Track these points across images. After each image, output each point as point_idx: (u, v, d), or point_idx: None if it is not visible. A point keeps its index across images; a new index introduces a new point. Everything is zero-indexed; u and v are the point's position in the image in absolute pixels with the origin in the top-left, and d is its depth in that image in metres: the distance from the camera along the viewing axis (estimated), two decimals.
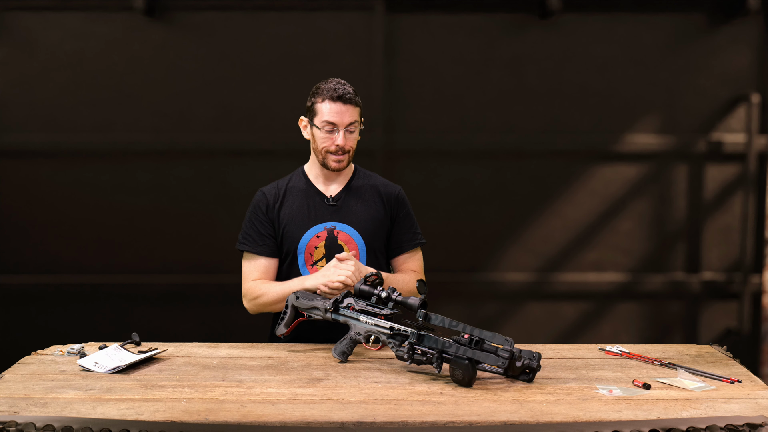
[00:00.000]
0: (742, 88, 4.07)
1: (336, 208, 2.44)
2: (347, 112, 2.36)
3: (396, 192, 2.51)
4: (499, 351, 1.94)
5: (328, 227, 2.42)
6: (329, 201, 2.45)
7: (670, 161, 4.11)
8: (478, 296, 4.14)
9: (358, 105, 2.39)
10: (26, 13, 3.98)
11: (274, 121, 4.03)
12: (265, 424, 1.68)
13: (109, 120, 4.02)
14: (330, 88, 2.36)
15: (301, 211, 2.43)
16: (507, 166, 4.10)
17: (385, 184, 2.52)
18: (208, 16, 4.01)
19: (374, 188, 2.49)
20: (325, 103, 2.36)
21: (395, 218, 2.49)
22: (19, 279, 4.06)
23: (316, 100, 2.38)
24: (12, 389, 1.89)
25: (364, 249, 2.42)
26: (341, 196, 2.45)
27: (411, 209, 2.53)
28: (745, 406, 1.79)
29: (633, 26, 4.05)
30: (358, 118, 2.39)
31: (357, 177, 2.50)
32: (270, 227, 2.44)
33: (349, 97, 2.36)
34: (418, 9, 4.04)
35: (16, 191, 4.04)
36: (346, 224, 2.42)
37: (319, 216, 2.43)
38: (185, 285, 4.07)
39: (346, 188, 2.47)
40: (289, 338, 2.40)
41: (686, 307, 4.18)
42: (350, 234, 2.42)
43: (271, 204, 2.45)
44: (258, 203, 2.47)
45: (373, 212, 2.45)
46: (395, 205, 2.49)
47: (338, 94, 2.35)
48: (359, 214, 2.44)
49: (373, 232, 2.44)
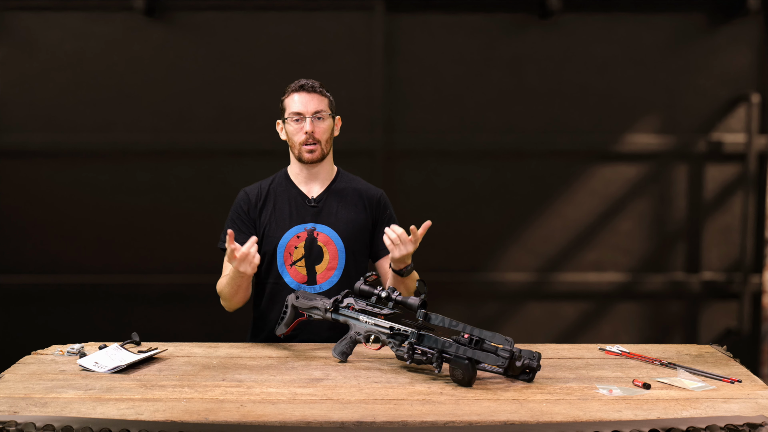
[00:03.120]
0: (742, 88, 4.07)
1: (317, 210, 2.46)
2: (312, 100, 2.42)
3: (378, 195, 2.54)
4: (499, 351, 1.94)
5: (308, 228, 2.44)
6: (310, 202, 2.47)
7: (670, 161, 4.11)
8: (478, 296, 4.14)
9: (325, 96, 2.45)
10: (26, 13, 3.98)
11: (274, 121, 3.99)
12: (265, 424, 1.68)
13: (109, 120, 4.02)
14: (294, 84, 2.45)
15: (282, 211, 2.46)
16: (507, 166, 4.10)
17: (368, 187, 2.55)
18: (208, 16, 4.01)
19: (356, 191, 2.51)
20: (291, 97, 2.45)
21: (377, 221, 2.51)
22: (19, 279, 4.06)
23: (284, 97, 2.48)
24: (12, 389, 1.89)
25: (343, 251, 2.44)
26: (322, 198, 2.48)
27: (393, 212, 2.56)
28: (745, 406, 1.79)
29: (633, 26, 4.05)
30: (326, 109, 2.44)
31: (339, 179, 2.52)
32: (251, 227, 2.47)
33: (312, 87, 2.43)
34: (418, 9, 4.04)
35: (16, 191, 4.04)
36: (326, 226, 2.45)
37: (300, 217, 2.45)
38: (185, 285, 4.07)
39: (328, 190, 2.49)
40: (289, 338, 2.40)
41: (686, 307, 4.18)
42: (330, 235, 2.43)
43: (253, 203, 2.48)
44: (240, 203, 2.51)
45: (354, 215, 2.47)
46: (377, 208, 2.52)
47: (300, 85, 2.44)
48: (340, 216, 2.46)
49: (353, 235, 2.46)
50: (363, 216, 2.48)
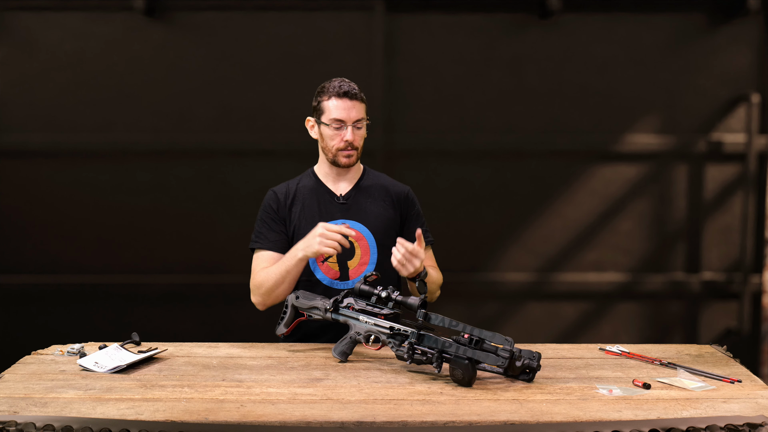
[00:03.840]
0: (742, 88, 4.07)
1: (346, 206, 2.45)
2: (354, 108, 2.38)
3: (405, 192, 2.53)
4: (499, 351, 1.94)
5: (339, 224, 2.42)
6: (339, 199, 2.46)
7: (670, 161, 4.11)
8: (478, 296, 4.14)
9: (364, 101, 2.42)
10: (26, 13, 3.98)
11: (274, 121, 4.03)
12: (265, 423, 1.68)
13: (109, 120, 4.02)
14: (335, 86, 2.38)
15: (311, 209, 2.44)
16: (507, 166, 4.10)
17: (394, 184, 2.54)
18: (208, 16, 4.01)
19: (383, 188, 2.50)
20: (332, 101, 2.38)
21: (405, 218, 2.50)
22: (19, 279, 4.06)
23: (322, 98, 2.40)
24: (12, 389, 1.89)
25: (375, 245, 2.43)
26: (351, 195, 2.46)
27: (420, 209, 2.54)
28: (745, 406, 1.79)
29: (633, 26, 4.05)
30: (365, 115, 2.41)
31: (366, 177, 2.51)
32: (281, 225, 2.44)
33: (354, 93, 2.38)
34: (418, 9, 4.04)
35: (16, 191, 4.04)
36: (357, 222, 2.43)
37: (330, 213, 2.43)
38: (185, 285, 4.07)
39: (356, 187, 2.48)
40: (289, 338, 2.40)
41: (686, 307, 4.18)
42: (361, 231, 2.42)
43: (282, 202, 2.46)
44: (269, 202, 2.47)
45: (383, 211, 2.46)
46: (405, 204, 2.51)
47: (344, 90, 2.37)
48: (369, 212, 2.45)
49: (383, 230, 2.44)
50: (391, 212, 2.47)
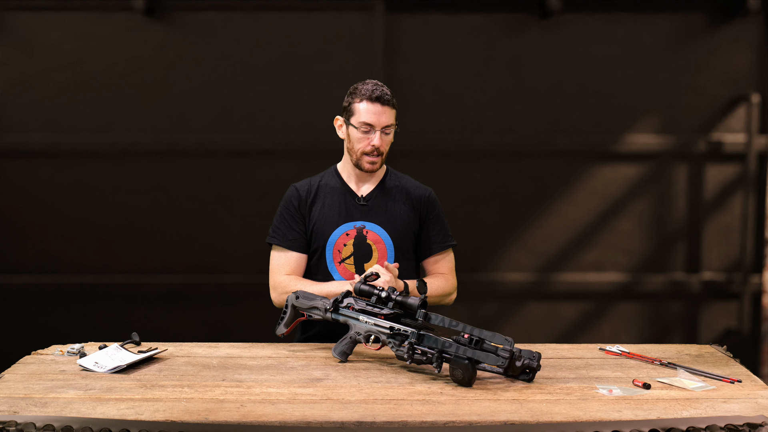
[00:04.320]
0: (742, 88, 4.07)
1: (367, 208, 2.45)
2: (384, 113, 2.37)
3: (426, 194, 2.52)
4: (499, 351, 1.94)
5: (358, 226, 2.43)
6: (360, 200, 2.45)
7: (670, 161, 4.11)
8: (478, 296, 4.14)
9: (395, 107, 2.40)
10: (26, 13, 3.98)
11: (274, 121, 4.03)
12: (265, 423, 1.68)
13: (109, 120, 4.02)
14: (368, 89, 2.38)
15: (332, 208, 2.44)
16: (507, 166, 4.10)
17: (416, 186, 2.53)
18: (208, 16, 4.01)
19: (404, 190, 2.50)
20: (363, 104, 2.37)
21: (425, 220, 2.49)
22: (19, 279, 4.06)
23: (354, 100, 2.40)
24: (12, 389, 1.89)
25: (392, 249, 2.43)
26: (372, 196, 2.46)
27: (442, 211, 2.53)
28: (745, 406, 1.79)
29: (633, 26, 4.05)
30: (394, 121, 2.40)
31: (389, 178, 2.51)
32: (301, 222, 2.44)
33: (387, 99, 2.37)
34: (418, 9, 4.04)
35: (16, 191, 4.04)
36: (376, 224, 2.43)
37: (350, 214, 2.43)
38: (185, 285, 4.07)
39: (378, 188, 2.47)
40: (289, 338, 2.40)
41: (686, 307, 4.18)
42: (379, 234, 2.42)
43: (303, 199, 2.46)
44: (290, 198, 2.47)
45: (402, 213, 2.46)
46: (425, 207, 2.50)
47: (376, 95, 2.36)
48: (389, 214, 2.45)
49: (402, 234, 2.44)
50: (411, 215, 2.47)
